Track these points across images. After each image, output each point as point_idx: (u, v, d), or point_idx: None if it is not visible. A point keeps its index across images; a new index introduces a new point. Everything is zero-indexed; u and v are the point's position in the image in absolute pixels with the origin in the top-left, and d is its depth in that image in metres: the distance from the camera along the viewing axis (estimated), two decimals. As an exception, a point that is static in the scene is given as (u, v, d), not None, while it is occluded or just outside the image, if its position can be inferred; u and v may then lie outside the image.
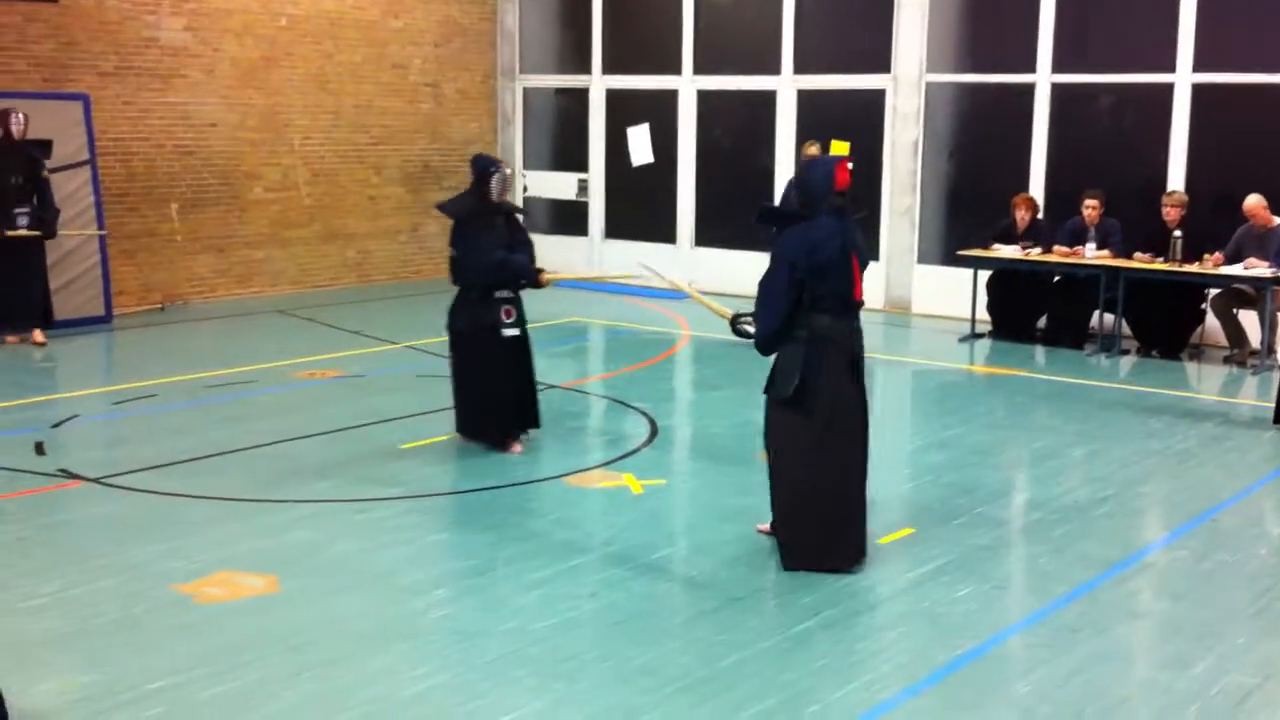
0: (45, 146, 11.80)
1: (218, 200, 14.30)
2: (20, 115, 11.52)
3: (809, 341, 5.97)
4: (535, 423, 8.37)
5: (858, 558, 6.13)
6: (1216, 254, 11.19)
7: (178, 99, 13.80)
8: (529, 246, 8.28)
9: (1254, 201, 11.20)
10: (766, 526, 6.43)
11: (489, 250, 7.97)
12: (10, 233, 11.42)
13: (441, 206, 8.38)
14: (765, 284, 6.08)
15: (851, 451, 6.12)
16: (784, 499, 6.18)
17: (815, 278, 5.93)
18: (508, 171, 8.18)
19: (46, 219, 11.67)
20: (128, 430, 8.77)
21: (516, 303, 8.17)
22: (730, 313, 11.34)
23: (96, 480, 7.45)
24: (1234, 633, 5.48)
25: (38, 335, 11.64)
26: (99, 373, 11.08)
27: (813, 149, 11.42)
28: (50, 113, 12.11)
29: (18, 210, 11.48)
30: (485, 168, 8.06)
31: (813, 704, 4.76)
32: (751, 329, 8.42)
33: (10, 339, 11.56)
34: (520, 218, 8.55)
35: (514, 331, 8.11)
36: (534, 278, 8.16)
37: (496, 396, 8.11)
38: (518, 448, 8.15)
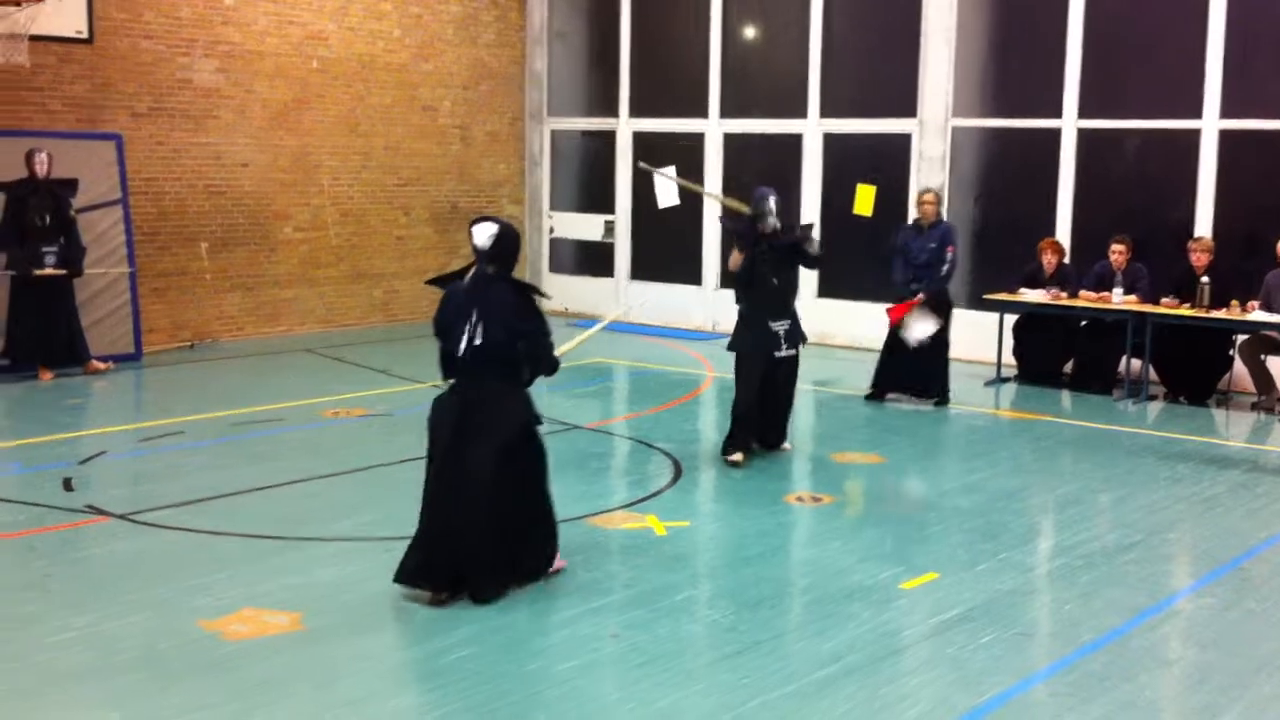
0: (71, 186, 11.96)
1: (247, 240, 14.44)
2: (44, 155, 11.66)
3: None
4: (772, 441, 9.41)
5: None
6: (1251, 302, 11.15)
7: (210, 139, 13.97)
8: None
9: None
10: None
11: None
12: (38, 272, 11.58)
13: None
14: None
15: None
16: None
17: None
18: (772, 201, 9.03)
19: (73, 258, 11.83)
20: (155, 467, 8.82)
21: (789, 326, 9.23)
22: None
23: (123, 517, 7.50)
24: (1261, 682, 5.43)
25: (98, 364, 11.98)
26: (128, 410, 11.16)
27: (928, 196, 11.41)
28: (84, 152, 12.30)
29: (45, 249, 11.64)
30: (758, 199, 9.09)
31: (836, 749, 4.75)
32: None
33: (45, 375, 11.68)
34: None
35: (788, 351, 9.22)
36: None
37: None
38: (736, 456, 9.01)
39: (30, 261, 11.53)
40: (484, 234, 6.25)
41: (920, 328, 11.13)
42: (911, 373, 11.38)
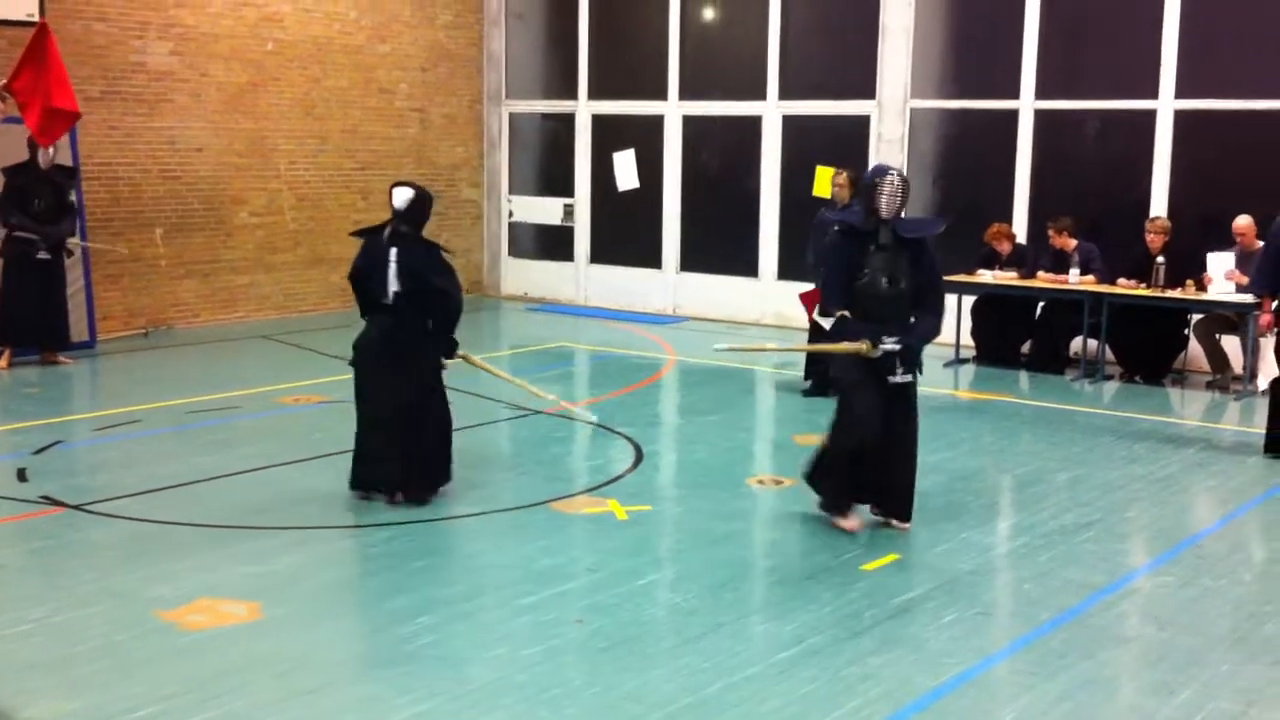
0: (70, 172, 12.06)
1: (203, 225, 14.29)
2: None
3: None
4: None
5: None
6: (1206, 274, 11.24)
7: (164, 123, 13.80)
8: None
9: (1244, 222, 11.24)
10: None
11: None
12: (37, 255, 11.61)
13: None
14: None
15: None
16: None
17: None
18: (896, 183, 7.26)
19: (64, 226, 11.80)
20: (111, 456, 8.73)
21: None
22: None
23: (79, 507, 7.42)
24: (1218, 659, 5.49)
25: (63, 357, 11.91)
26: (82, 398, 11.04)
27: (840, 178, 11.08)
28: (36, 137, 12.11)
29: (41, 234, 11.66)
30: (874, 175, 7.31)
31: (799, 731, 4.76)
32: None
33: (50, 357, 11.76)
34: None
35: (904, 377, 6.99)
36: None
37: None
38: (853, 524, 7.16)
39: (25, 244, 11.52)
40: (402, 197, 7.45)
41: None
42: None
